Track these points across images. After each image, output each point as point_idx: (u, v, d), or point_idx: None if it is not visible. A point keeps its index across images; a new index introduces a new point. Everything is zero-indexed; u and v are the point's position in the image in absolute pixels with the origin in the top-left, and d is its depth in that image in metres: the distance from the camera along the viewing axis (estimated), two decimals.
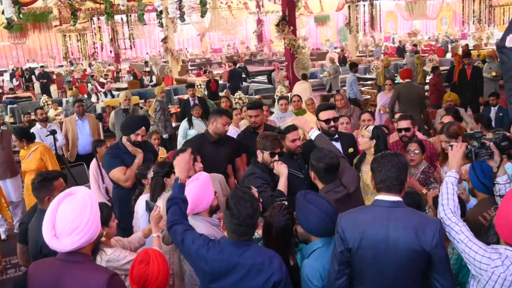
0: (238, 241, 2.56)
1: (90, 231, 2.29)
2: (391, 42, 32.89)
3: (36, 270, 2.47)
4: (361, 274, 2.58)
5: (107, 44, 24.29)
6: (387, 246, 2.47)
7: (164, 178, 3.93)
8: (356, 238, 2.52)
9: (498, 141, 2.79)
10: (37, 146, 6.46)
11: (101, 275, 2.29)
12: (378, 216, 2.53)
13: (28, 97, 18.01)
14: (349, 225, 2.56)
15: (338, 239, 2.59)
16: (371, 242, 2.50)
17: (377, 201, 2.61)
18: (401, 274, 2.49)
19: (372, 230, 2.50)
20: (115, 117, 8.65)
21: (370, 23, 22.07)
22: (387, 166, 2.59)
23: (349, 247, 2.53)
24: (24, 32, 21.43)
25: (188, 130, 7.72)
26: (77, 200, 2.33)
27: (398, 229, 2.47)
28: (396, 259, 2.46)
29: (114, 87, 18.59)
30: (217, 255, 2.57)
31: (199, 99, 10.10)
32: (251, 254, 2.54)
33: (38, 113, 8.15)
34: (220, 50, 37.39)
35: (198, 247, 2.62)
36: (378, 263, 2.50)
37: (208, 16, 20.69)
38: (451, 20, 36.84)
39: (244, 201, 2.54)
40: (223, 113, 4.95)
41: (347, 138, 4.77)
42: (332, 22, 36.13)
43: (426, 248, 2.42)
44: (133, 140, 4.66)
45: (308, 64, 13.52)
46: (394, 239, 2.46)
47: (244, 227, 2.54)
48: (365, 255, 2.52)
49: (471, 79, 10.56)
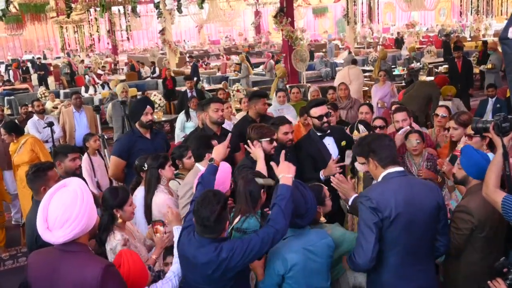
0: (202, 237, 2.61)
1: (81, 223, 2.29)
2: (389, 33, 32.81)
3: (35, 260, 2.50)
4: (393, 241, 2.74)
5: (104, 35, 24.18)
6: (416, 207, 2.74)
7: (159, 169, 3.92)
8: (392, 207, 2.70)
9: (499, 122, 2.81)
10: (26, 138, 6.39)
11: (96, 265, 2.30)
12: (401, 183, 2.79)
13: (25, 88, 17.95)
14: (381, 197, 2.73)
15: (370, 213, 2.71)
16: (404, 206, 2.71)
17: (391, 173, 2.83)
18: (426, 231, 2.79)
19: (402, 196, 2.73)
20: (112, 110, 8.61)
21: (368, 14, 22.00)
22: (385, 143, 2.88)
23: (384, 217, 2.70)
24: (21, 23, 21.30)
25: (185, 122, 7.71)
26: (68, 192, 2.33)
27: (421, 190, 2.80)
28: (424, 217, 2.76)
29: (112, 79, 18.53)
30: (185, 240, 2.72)
31: (197, 91, 10.11)
32: (203, 250, 2.58)
33: (35, 105, 8.14)
34: (218, 42, 37.30)
35: (184, 227, 2.80)
36: (411, 224, 2.72)
37: (206, 8, 20.62)
38: (449, 11, 36.77)
39: (207, 202, 2.58)
40: (210, 102, 4.90)
41: (339, 131, 4.75)
42: (330, 13, 36.01)
43: (441, 203, 2.82)
44: (146, 121, 4.79)
45: (306, 56, 13.51)
46: (420, 200, 2.76)
47: (202, 227, 2.58)
48: (400, 220, 2.70)
49: (461, 71, 10.60)
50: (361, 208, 2.78)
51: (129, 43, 32.05)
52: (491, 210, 2.93)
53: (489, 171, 2.83)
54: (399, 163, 2.89)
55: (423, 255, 2.84)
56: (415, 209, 2.73)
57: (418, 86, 8.52)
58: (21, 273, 3.35)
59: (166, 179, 3.97)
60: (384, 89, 8.92)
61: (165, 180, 3.96)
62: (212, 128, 4.87)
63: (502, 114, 2.86)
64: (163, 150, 4.82)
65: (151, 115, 4.83)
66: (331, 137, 4.53)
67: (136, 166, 4.17)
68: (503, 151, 2.77)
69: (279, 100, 7.38)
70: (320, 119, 4.45)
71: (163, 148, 4.92)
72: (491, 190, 2.78)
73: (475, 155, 3.11)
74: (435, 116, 5.54)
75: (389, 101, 8.44)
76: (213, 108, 4.79)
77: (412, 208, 2.72)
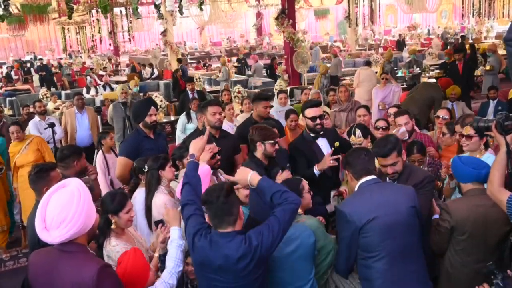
0: (223, 232, 2.57)
1: (78, 223, 2.29)
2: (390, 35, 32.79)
3: (35, 260, 2.52)
4: (376, 247, 2.84)
5: (106, 37, 24.21)
6: (391, 209, 2.85)
7: (159, 170, 3.91)
8: (365, 214, 2.82)
9: (501, 121, 2.80)
10: (31, 138, 6.41)
11: (92, 265, 2.31)
12: (373, 190, 2.94)
13: (27, 89, 17.97)
14: (353, 209, 2.87)
15: (343, 224, 2.88)
16: (378, 211, 2.83)
17: (363, 183, 2.98)
18: (408, 231, 2.87)
19: (376, 202, 2.87)
20: (113, 111, 8.61)
21: (370, 16, 22.02)
22: (361, 156, 3.03)
23: (359, 226, 2.82)
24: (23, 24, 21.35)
25: (186, 124, 7.71)
26: (66, 192, 2.34)
27: (394, 193, 2.96)
28: (402, 218, 2.85)
29: (114, 80, 18.55)
30: (205, 244, 2.58)
31: (198, 93, 10.13)
32: (233, 245, 2.53)
33: (37, 106, 8.14)
34: (219, 43, 37.28)
35: (195, 233, 2.64)
36: (390, 227, 2.82)
37: (207, 9, 20.62)
38: (450, 13, 36.72)
39: (213, 189, 2.60)
40: (208, 105, 4.85)
41: (332, 133, 4.79)
42: (331, 15, 36.01)
43: (417, 207, 2.93)
44: (150, 122, 4.81)
45: (308, 58, 13.50)
46: (394, 202, 2.89)
47: (214, 209, 2.56)
48: (377, 224, 2.81)
49: (462, 74, 10.59)
50: (337, 220, 2.99)
51: (131, 44, 32.06)
52: (473, 215, 2.97)
53: (493, 169, 2.84)
54: (372, 172, 3.02)
55: (410, 256, 2.90)
56: (391, 211, 2.85)
57: (421, 88, 8.43)
58: (22, 274, 3.35)
59: (167, 180, 3.96)
60: (386, 91, 8.87)
61: (166, 181, 3.95)
62: (211, 130, 4.83)
63: (504, 112, 2.86)
64: (165, 150, 4.87)
65: (155, 116, 4.85)
66: (324, 139, 4.58)
67: (134, 168, 4.15)
68: (507, 150, 2.78)
69: (281, 101, 7.38)
70: (313, 120, 4.50)
71: (165, 148, 4.97)
72: (496, 189, 2.80)
73: (458, 165, 3.17)
74: (437, 118, 5.56)
75: (390, 103, 8.42)
76: (211, 111, 4.74)
77: (388, 211, 2.84)
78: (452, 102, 7.71)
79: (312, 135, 4.57)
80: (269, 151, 3.99)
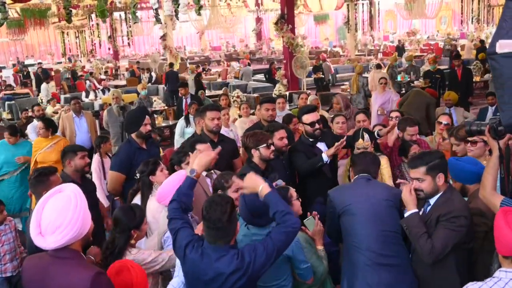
0: (215, 246, 2.52)
1: (73, 229, 2.27)
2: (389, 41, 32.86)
3: (28, 265, 2.50)
4: (353, 230, 3.19)
5: (105, 41, 24.26)
6: (370, 200, 3.20)
7: (149, 176, 3.89)
8: (344, 199, 3.27)
9: (495, 125, 2.77)
10: (59, 139, 6.57)
11: (86, 272, 2.28)
12: (360, 183, 3.36)
13: (26, 93, 17.97)
14: (337, 194, 3.37)
15: (328, 204, 3.39)
16: (357, 199, 3.24)
17: (356, 178, 3.43)
18: (386, 219, 3.14)
19: (357, 192, 3.29)
20: (107, 116, 8.57)
21: (369, 22, 22.11)
22: (367, 158, 3.49)
23: (339, 208, 3.26)
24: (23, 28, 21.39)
25: (185, 128, 7.68)
26: (62, 198, 2.31)
27: (378, 188, 3.32)
28: (380, 208, 3.16)
29: (113, 85, 18.55)
30: (196, 256, 2.54)
31: (193, 97, 10.13)
32: (225, 260, 2.48)
33: (35, 110, 8.15)
34: (219, 48, 37.36)
35: (186, 244, 2.59)
36: (368, 216, 3.14)
37: (207, 14, 20.66)
38: (450, 19, 36.80)
39: (216, 204, 2.51)
40: (206, 110, 4.81)
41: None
42: (331, 20, 36.03)
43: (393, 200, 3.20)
44: (145, 132, 4.73)
45: (307, 63, 13.52)
46: (374, 194, 3.24)
47: (214, 231, 2.50)
48: (354, 209, 3.20)
49: (461, 80, 10.60)
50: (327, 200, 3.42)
51: (130, 48, 32.10)
52: None
53: (486, 173, 2.84)
54: (369, 172, 3.41)
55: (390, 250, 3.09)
56: (370, 202, 3.18)
57: (415, 95, 8.46)
58: None
59: (159, 184, 3.88)
60: (385, 97, 8.88)
61: (158, 185, 3.84)
62: (209, 135, 4.81)
63: (498, 117, 2.80)
64: (158, 157, 4.74)
65: (149, 126, 4.78)
66: (322, 143, 4.56)
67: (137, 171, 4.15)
68: (499, 154, 2.77)
69: (279, 106, 7.36)
70: (312, 126, 4.48)
71: (158, 156, 4.85)
72: (489, 193, 2.79)
73: (459, 164, 3.23)
74: (438, 124, 5.55)
75: (389, 108, 8.42)
76: (209, 116, 4.72)
77: (366, 200, 3.19)
78: (449, 108, 7.69)
79: (311, 140, 4.56)
80: (265, 154, 3.98)
